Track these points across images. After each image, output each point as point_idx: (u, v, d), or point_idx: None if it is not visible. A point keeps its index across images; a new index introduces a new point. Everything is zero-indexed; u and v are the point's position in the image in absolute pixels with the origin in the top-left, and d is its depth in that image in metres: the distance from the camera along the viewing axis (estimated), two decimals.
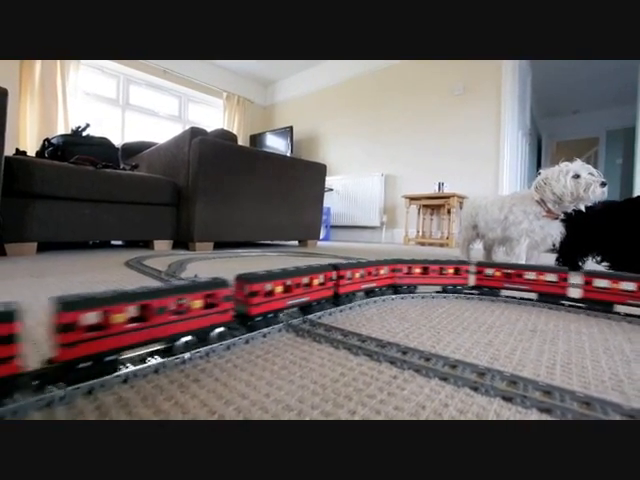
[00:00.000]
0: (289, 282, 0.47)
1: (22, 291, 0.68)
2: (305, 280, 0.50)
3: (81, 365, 0.29)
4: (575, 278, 0.64)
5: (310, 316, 0.53)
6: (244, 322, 0.43)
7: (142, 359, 0.34)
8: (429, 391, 0.32)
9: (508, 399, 0.30)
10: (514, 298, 0.71)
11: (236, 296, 0.42)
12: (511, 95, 2.85)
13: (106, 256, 1.40)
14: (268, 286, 0.44)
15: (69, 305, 0.27)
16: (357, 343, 0.42)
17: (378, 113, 3.72)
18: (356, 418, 0.27)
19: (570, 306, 0.65)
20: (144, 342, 0.33)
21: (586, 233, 1.26)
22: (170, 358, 0.35)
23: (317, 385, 0.32)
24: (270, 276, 0.44)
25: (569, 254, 1.31)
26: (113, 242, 2.24)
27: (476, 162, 3.02)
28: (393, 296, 0.70)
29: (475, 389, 0.32)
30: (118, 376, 0.31)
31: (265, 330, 0.46)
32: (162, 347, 0.37)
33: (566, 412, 0.28)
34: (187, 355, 0.37)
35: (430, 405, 0.29)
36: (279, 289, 0.46)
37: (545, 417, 0.28)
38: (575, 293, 0.66)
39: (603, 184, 1.07)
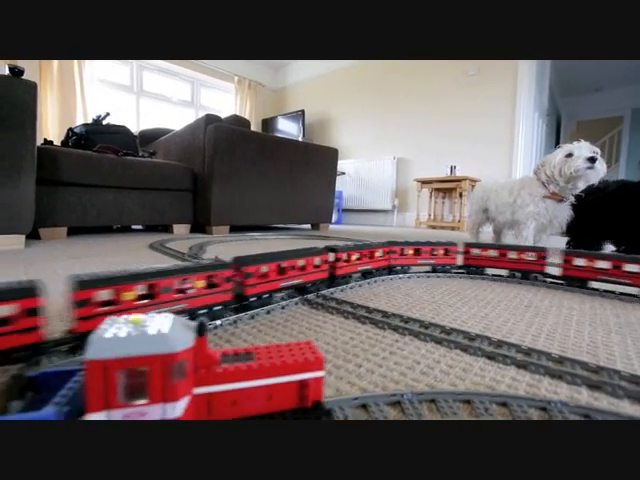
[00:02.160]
0: (357, 254, 0.65)
1: (72, 270, 0.76)
2: (368, 252, 0.68)
3: (252, 299, 0.47)
4: None
5: (323, 292, 0.59)
6: (331, 279, 0.62)
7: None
8: (425, 351, 0.37)
9: (491, 358, 0.36)
10: (599, 290, 0.65)
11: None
12: (528, 75, 2.76)
13: (130, 240, 1.49)
14: (344, 256, 0.62)
15: (247, 261, 0.46)
16: (365, 314, 0.48)
17: (390, 95, 3.67)
18: (362, 370, 0.33)
19: None
20: (283, 288, 0.51)
21: (598, 214, 1.26)
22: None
23: (330, 345, 0.38)
24: (349, 248, 0.63)
25: (580, 237, 1.33)
26: (133, 227, 2.34)
27: (490, 145, 2.98)
28: (400, 275, 0.75)
29: (464, 350, 0.38)
30: None
31: (283, 303, 0.52)
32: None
33: (539, 368, 0.33)
34: (218, 322, 0.43)
35: (424, 362, 0.35)
36: (354, 257, 0.64)
37: (522, 373, 0.33)
38: None
39: (591, 159, 1.01)
